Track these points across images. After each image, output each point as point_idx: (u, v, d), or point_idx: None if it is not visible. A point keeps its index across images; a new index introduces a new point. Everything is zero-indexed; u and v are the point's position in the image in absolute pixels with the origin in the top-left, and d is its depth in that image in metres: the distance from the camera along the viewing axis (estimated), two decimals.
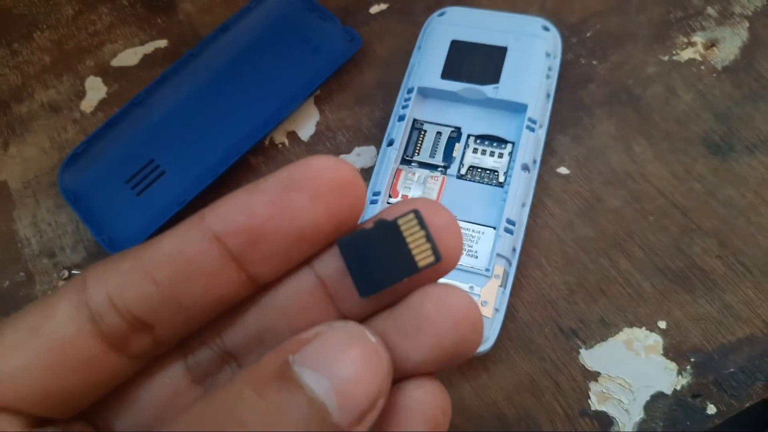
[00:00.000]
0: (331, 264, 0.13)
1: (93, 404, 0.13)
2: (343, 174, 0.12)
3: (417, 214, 0.12)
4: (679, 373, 0.25)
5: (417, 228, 0.12)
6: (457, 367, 0.26)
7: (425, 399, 0.12)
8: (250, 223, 0.12)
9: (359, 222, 0.13)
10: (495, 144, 0.29)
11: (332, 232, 0.12)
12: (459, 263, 0.26)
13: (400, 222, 0.12)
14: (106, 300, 0.12)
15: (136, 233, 0.29)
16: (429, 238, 0.12)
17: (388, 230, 0.12)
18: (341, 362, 0.11)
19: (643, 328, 0.26)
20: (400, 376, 0.12)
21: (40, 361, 0.12)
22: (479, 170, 0.28)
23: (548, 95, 0.30)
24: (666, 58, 0.32)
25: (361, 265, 0.12)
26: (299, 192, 0.12)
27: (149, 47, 0.36)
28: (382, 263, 0.12)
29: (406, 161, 0.29)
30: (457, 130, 0.29)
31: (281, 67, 0.33)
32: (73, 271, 0.30)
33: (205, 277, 0.12)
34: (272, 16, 0.34)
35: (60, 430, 0.12)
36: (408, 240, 0.12)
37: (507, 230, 0.26)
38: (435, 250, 0.12)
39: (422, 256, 0.12)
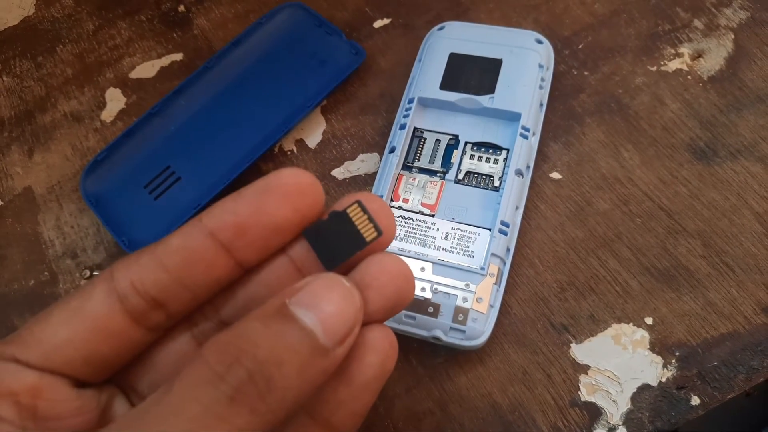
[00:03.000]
0: (301, 249, 0.16)
1: (119, 370, 0.16)
2: (304, 181, 0.15)
3: (360, 203, 0.16)
4: (665, 366, 0.26)
5: (361, 213, 0.16)
6: (454, 361, 0.28)
7: (377, 337, 0.16)
8: (236, 221, 0.15)
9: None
10: (491, 151, 0.30)
11: (299, 224, 0.16)
12: (457, 262, 0.27)
13: (348, 211, 0.16)
14: (130, 285, 0.15)
15: (153, 235, 0.31)
16: (371, 219, 0.16)
17: (340, 218, 0.16)
18: (324, 301, 0.14)
19: (631, 324, 0.27)
20: None
21: (82, 333, 0.15)
22: (476, 175, 0.30)
23: (541, 104, 0.31)
24: (654, 68, 0.33)
25: (324, 246, 0.16)
26: (272, 195, 0.15)
27: (166, 60, 0.38)
28: (340, 242, 0.16)
29: (407, 167, 0.31)
30: (455, 138, 0.31)
31: (290, 78, 0.35)
32: (94, 272, 0.32)
33: (204, 264, 0.15)
34: (281, 31, 0.36)
35: (96, 390, 0.16)
36: (356, 223, 0.16)
37: (501, 231, 0.28)
38: (377, 227, 0.16)
39: (368, 233, 0.16)
